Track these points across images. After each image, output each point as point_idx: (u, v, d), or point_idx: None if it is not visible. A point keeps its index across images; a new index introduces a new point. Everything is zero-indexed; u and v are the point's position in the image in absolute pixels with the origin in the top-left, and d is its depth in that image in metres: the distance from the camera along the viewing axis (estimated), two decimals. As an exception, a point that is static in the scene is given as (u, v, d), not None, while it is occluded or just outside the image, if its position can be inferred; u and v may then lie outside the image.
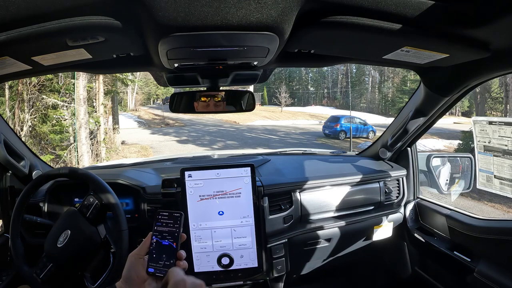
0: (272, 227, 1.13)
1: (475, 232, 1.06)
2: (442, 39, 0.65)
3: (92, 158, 7.68)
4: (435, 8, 0.56)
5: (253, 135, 14.43)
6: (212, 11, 0.53)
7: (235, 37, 0.62)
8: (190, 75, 0.95)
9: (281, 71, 36.76)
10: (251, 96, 1.07)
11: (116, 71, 1.03)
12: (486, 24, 0.59)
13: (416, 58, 0.78)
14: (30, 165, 1.19)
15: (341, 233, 1.28)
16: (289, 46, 0.73)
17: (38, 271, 0.90)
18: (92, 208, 0.96)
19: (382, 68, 28.38)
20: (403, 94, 25.83)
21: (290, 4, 0.53)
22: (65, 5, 0.52)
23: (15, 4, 0.50)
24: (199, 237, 1.01)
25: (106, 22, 0.57)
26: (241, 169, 1.03)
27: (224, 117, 19.32)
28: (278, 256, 1.15)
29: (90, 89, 7.92)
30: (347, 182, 1.29)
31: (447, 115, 15.65)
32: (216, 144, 11.94)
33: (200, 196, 1.01)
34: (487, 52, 0.70)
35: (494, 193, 1.05)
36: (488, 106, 16.21)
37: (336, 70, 36.53)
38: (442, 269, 1.24)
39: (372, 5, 0.56)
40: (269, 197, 1.15)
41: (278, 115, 22.73)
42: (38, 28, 0.55)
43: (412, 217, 1.39)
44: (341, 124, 14.19)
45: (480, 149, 1.06)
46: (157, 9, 0.52)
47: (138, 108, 26.14)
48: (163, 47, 0.65)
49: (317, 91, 38.72)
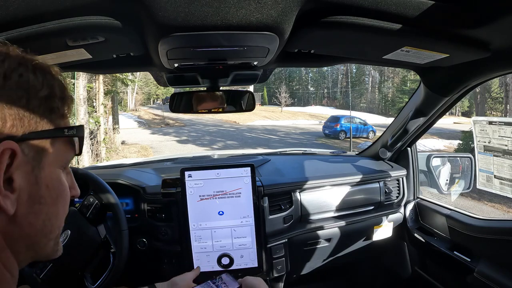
0: (272, 227, 1.13)
1: (475, 232, 1.06)
2: (442, 39, 0.65)
3: (92, 158, 7.69)
4: (435, 8, 0.56)
5: (253, 135, 14.43)
6: (212, 11, 0.53)
7: (235, 37, 0.62)
8: (190, 75, 0.95)
9: (281, 71, 36.79)
10: (251, 96, 1.07)
11: (116, 71, 1.03)
12: (486, 24, 0.59)
13: (416, 58, 0.78)
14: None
15: (341, 233, 1.28)
16: (289, 46, 0.73)
17: (38, 271, 0.90)
18: (92, 208, 0.96)
19: (382, 68, 28.38)
20: (403, 94, 25.84)
21: (290, 4, 0.53)
22: (65, 5, 0.52)
23: (15, 4, 0.50)
24: (199, 237, 1.01)
25: (106, 22, 0.57)
26: (241, 169, 1.03)
27: (224, 117, 19.33)
28: (278, 256, 1.15)
29: (90, 89, 7.92)
30: (347, 182, 1.29)
31: (447, 115, 15.68)
32: (216, 144, 11.95)
33: (200, 196, 1.01)
34: (487, 52, 0.70)
35: (494, 193, 1.05)
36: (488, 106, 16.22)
37: (336, 70, 36.55)
38: (442, 269, 1.24)
39: (372, 5, 0.56)
40: (269, 197, 1.15)
41: (278, 115, 22.74)
42: (38, 28, 0.55)
43: (412, 217, 1.39)
44: (341, 124, 14.20)
45: (480, 149, 1.06)
46: (157, 9, 0.52)
47: (138, 108, 26.16)
48: (163, 47, 0.65)
49: (317, 91, 38.75)
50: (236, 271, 1.02)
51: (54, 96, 0.38)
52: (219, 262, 1.01)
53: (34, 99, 0.35)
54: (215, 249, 1.01)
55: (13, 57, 0.36)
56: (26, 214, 0.35)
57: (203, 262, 1.01)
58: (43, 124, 0.36)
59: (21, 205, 0.34)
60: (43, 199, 0.36)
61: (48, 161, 0.37)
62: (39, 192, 0.36)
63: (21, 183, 0.34)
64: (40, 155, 0.36)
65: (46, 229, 0.38)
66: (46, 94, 0.36)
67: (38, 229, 0.37)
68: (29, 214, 0.35)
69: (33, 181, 0.35)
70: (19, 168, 0.34)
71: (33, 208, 0.36)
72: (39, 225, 0.37)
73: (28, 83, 0.35)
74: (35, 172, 0.35)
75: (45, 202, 0.37)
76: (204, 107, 1.05)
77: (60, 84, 0.39)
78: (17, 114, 0.34)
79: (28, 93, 0.35)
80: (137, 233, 1.11)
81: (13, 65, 0.35)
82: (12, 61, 0.35)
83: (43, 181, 0.36)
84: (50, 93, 0.37)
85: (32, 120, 0.35)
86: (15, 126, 0.33)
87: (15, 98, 0.34)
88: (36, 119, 0.35)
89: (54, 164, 0.38)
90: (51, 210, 0.38)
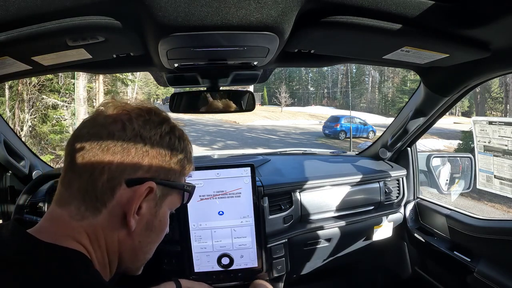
0: (272, 227, 1.13)
1: (475, 232, 1.06)
2: (442, 39, 0.65)
3: (92, 158, 7.67)
4: (435, 8, 0.56)
5: (253, 135, 14.44)
6: (212, 11, 0.53)
7: (235, 37, 0.62)
8: (190, 75, 0.95)
9: (281, 71, 36.84)
10: (251, 96, 1.07)
11: (116, 71, 1.03)
12: (486, 24, 0.59)
13: (416, 58, 0.78)
14: (30, 165, 1.19)
15: (341, 233, 1.28)
16: (289, 46, 0.72)
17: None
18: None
19: (382, 68, 28.40)
20: (403, 94, 25.87)
21: (290, 4, 0.53)
22: (65, 5, 0.52)
23: (15, 4, 0.50)
24: (199, 237, 1.01)
25: (106, 22, 0.57)
26: (241, 169, 1.03)
27: (224, 117, 19.34)
28: (278, 256, 1.15)
29: (90, 89, 7.92)
30: (347, 182, 1.29)
31: (447, 115, 15.68)
32: (216, 144, 11.95)
33: (200, 196, 1.01)
34: (487, 52, 0.69)
35: (494, 193, 1.05)
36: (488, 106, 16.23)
37: (336, 70, 36.60)
38: (442, 269, 1.24)
39: (372, 5, 0.56)
40: (269, 197, 1.15)
41: (278, 115, 22.75)
42: (38, 28, 0.55)
43: (412, 217, 1.39)
44: (341, 124, 14.22)
45: (480, 149, 1.06)
46: (157, 9, 0.52)
47: (138, 108, 26.08)
48: (163, 47, 0.65)
49: (317, 91, 38.79)
50: (236, 271, 1.02)
51: (185, 159, 0.51)
52: (219, 262, 1.01)
53: (174, 158, 0.49)
54: (215, 249, 1.02)
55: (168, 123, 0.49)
56: (140, 234, 0.48)
57: (203, 262, 1.01)
58: (173, 176, 0.49)
59: (139, 226, 0.47)
60: (154, 228, 0.49)
61: (166, 203, 0.50)
62: (153, 223, 0.49)
63: (145, 212, 0.46)
64: (164, 197, 0.49)
65: (146, 249, 0.51)
66: (182, 157, 0.50)
67: (142, 247, 0.49)
68: (142, 235, 0.48)
69: (153, 213, 0.48)
70: (148, 201, 0.46)
71: (146, 232, 0.48)
72: (144, 245, 0.49)
73: (174, 145, 0.49)
74: (156, 208, 0.48)
75: (155, 231, 0.50)
76: (204, 107, 1.05)
77: (191, 150, 0.53)
78: (160, 165, 0.47)
79: (172, 153, 0.48)
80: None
81: (167, 129, 0.48)
82: (167, 126, 0.49)
83: (159, 215, 0.49)
84: (184, 157, 0.51)
85: (168, 172, 0.48)
86: (157, 172, 0.47)
87: (163, 154, 0.47)
88: (170, 172, 0.49)
89: (168, 206, 0.51)
90: (155, 237, 0.51)
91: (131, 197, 0.44)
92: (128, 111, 0.47)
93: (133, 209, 0.44)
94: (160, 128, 0.47)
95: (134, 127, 0.45)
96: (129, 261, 0.50)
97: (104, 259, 0.46)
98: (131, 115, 0.46)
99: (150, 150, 0.46)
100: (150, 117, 0.47)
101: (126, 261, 0.49)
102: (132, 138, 0.45)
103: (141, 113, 0.47)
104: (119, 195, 0.44)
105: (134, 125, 0.45)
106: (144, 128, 0.46)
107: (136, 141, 0.45)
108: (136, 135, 0.45)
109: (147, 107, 0.49)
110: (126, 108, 0.47)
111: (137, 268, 0.53)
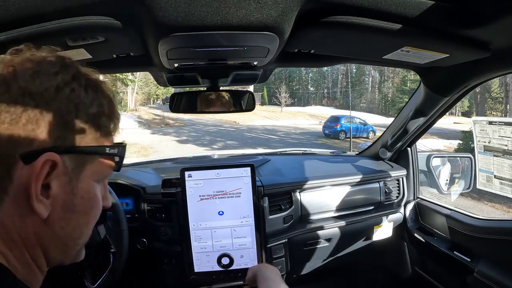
0: (272, 227, 1.13)
1: (475, 232, 1.06)
2: (442, 39, 0.65)
3: (92, 158, 7.68)
4: (435, 8, 0.56)
5: (253, 135, 14.44)
6: (212, 11, 0.53)
7: (235, 37, 0.62)
8: (190, 75, 0.95)
9: (281, 71, 36.83)
10: (251, 96, 1.07)
11: (116, 71, 1.03)
12: (486, 24, 0.59)
13: (416, 58, 0.78)
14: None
15: (341, 233, 1.28)
16: (289, 46, 0.73)
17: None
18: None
19: (382, 68, 28.40)
20: (403, 94, 25.87)
21: (290, 4, 0.53)
22: (65, 5, 0.52)
23: (15, 4, 0.50)
24: (199, 237, 1.01)
25: (106, 22, 0.57)
26: (241, 169, 1.03)
27: (224, 117, 19.34)
28: (278, 256, 1.15)
29: (90, 89, 7.92)
30: (347, 182, 1.29)
31: (447, 115, 15.67)
32: (216, 144, 11.95)
33: (200, 196, 1.01)
34: (487, 52, 0.70)
35: (494, 193, 1.05)
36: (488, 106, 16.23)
37: (336, 70, 36.59)
38: (442, 269, 1.24)
39: (372, 5, 0.56)
40: (269, 197, 1.15)
41: (278, 115, 22.75)
42: (38, 28, 0.55)
43: (412, 217, 1.39)
44: (341, 124, 14.21)
45: (480, 149, 1.06)
46: (157, 9, 0.52)
47: (138, 108, 26.15)
48: (163, 47, 0.65)
49: (317, 91, 38.78)
50: (236, 271, 1.02)
51: (102, 114, 0.39)
52: (219, 262, 1.01)
53: (82, 115, 0.37)
54: (215, 249, 1.01)
55: (68, 70, 0.38)
56: (59, 219, 0.38)
57: (203, 262, 1.01)
58: (87, 140, 0.38)
59: (55, 210, 0.37)
60: (76, 208, 0.39)
61: (86, 174, 0.39)
62: (73, 201, 0.38)
63: (57, 191, 0.36)
64: (80, 168, 0.38)
65: (75, 234, 0.40)
66: (95, 112, 0.38)
67: (68, 233, 0.39)
68: (61, 219, 0.38)
69: (69, 191, 0.38)
70: (57, 177, 0.36)
71: (65, 214, 0.38)
72: (70, 230, 0.39)
73: (79, 99, 0.37)
74: (72, 183, 0.38)
75: (78, 211, 0.39)
76: (204, 107, 1.05)
77: (110, 102, 0.41)
78: (64, 127, 0.36)
79: (77, 109, 0.37)
80: (137, 233, 1.11)
81: (67, 79, 0.37)
82: (66, 74, 0.37)
83: (79, 192, 0.38)
84: (98, 111, 0.39)
85: (77, 135, 0.37)
86: (60, 138, 0.35)
87: (64, 112, 0.36)
88: (81, 135, 0.37)
89: (92, 177, 0.40)
90: (83, 218, 0.40)
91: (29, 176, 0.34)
92: (14, 65, 0.36)
93: (34, 192, 0.34)
94: (55, 79, 0.36)
95: (20, 85, 0.34)
96: (58, 252, 0.40)
97: (25, 257, 0.37)
98: (16, 70, 0.35)
99: (45, 110, 0.35)
100: (41, 68, 0.36)
101: (54, 253, 0.39)
102: (19, 99, 0.34)
103: (29, 65, 0.36)
104: (18, 176, 0.34)
105: (20, 81, 0.35)
106: (32, 83, 0.35)
107: (25, 102, 0.34)
108: (23, 93, 0.34)
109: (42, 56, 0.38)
110: (13, 63, 0.36)
111: (72, 256, 0.43)
